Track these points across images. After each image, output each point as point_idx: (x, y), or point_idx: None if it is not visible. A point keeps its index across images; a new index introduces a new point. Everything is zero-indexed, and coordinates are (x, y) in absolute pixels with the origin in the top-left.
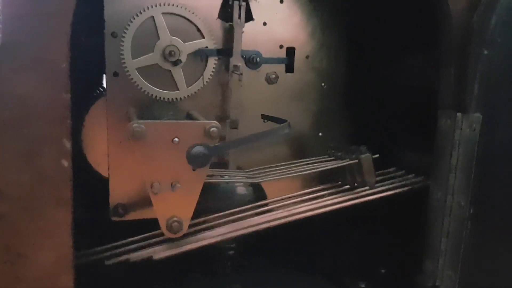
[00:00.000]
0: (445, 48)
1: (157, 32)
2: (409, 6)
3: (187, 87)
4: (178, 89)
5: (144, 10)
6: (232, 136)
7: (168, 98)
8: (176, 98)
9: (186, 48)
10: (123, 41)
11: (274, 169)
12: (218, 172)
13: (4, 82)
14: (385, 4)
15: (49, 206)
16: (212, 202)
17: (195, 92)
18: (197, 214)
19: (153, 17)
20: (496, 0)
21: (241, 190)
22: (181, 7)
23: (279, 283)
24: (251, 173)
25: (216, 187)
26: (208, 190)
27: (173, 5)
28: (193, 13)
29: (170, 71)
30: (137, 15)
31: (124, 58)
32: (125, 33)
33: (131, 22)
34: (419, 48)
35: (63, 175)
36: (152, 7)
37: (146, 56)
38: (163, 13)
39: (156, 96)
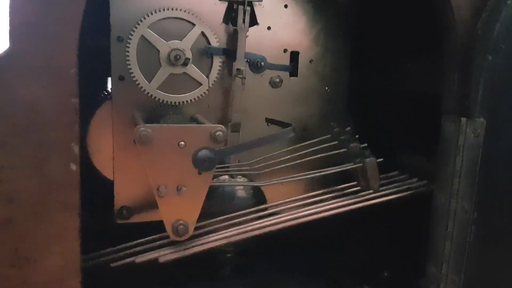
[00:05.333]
0: (449, 54)
1: (154, 46)
2: (413, 12)
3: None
4: (201, 84)
5: (133, 31)
6: (234, 139)
7: (195, 98)
8: (202, 94)
9: (185, 44)
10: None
11: (274, 162)
12: (221, 168)
13: (13, 89)
14: (389, 10)
15: (57, 210)
16: (215, 204)
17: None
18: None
19: (143, 36)
20: (500, 7)
21: (243, 192)
22: (160, 10)
23: (282, 286)
24: (253, 167)
25: (220, 189)
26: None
27: (151, 13)
28: (171, 9)
29: (185, 73)
30: (133, 31)
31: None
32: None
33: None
34: (422, 54)
35: (71, 180)
36: (137, 26)
37: (158, 73)
38: (149, 27)
39: (185, 102)
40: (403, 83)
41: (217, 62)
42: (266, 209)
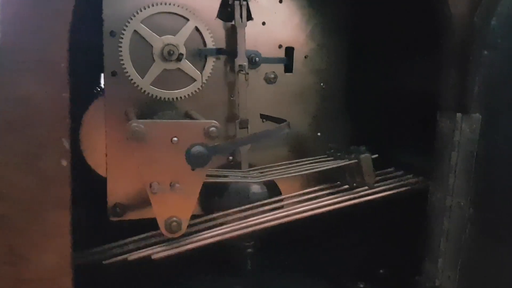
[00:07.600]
0: (446, 50)
1: (147, 41)
2: (409, 8)
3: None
4: (195, 80)
5: (126, 26)
6: (242, 136)
7: (189, 94)
8: (196, 90)
9: (179, 39)
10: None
11: (273, 169)
12: (218, 171)
13: (4, 84)
14: (385, 5)
15: (49, 207)
16: (212, 201)
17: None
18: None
19: (136, 31)
20: (496, 1)
21: (244, 189)
22: (154, 5)
23: (278, 283)
24: (250, 173)
25: (216, 186)
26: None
27: (145, 8)
28: (165, 3)
29: (179, 68)
30: (126, 25)
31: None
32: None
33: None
34: (418, 49)
35: (62, 176)
36: (129, 21)
37: (151, 68)
38: (142, 22)
39: (179, 98)
40: (399, 79)
41: (211, 57)
42: (261, 206)
